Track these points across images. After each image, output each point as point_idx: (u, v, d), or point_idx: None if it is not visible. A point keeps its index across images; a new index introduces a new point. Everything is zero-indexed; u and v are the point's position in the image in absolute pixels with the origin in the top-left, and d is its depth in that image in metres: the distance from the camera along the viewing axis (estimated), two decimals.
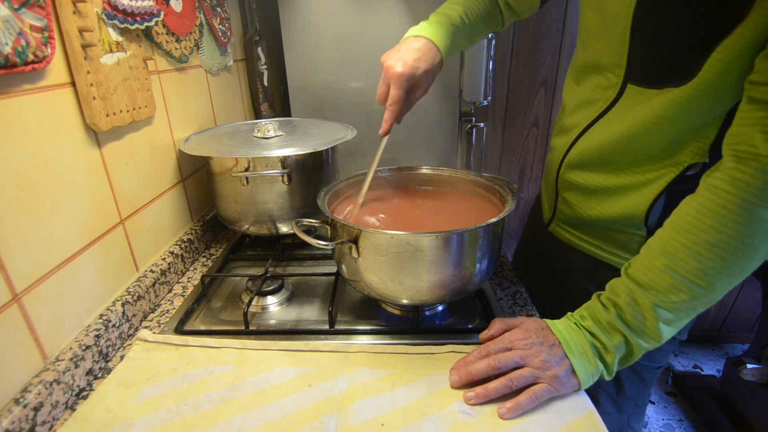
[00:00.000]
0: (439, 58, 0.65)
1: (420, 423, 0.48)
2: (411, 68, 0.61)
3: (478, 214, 0.69)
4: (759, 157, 0.43)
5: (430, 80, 0.65)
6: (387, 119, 0.64)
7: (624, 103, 0.59)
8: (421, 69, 0.62)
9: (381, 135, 0.65)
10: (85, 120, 0.56)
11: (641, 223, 0.61)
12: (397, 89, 0.61)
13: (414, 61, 0.61)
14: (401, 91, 0.61)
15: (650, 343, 0.50)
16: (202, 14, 0.87)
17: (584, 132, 0.65)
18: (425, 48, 0.63)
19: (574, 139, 0.66)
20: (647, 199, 0.59)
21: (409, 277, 0.57)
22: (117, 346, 0.61)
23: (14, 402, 0.45)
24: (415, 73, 0.61)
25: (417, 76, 0.62)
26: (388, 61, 0.62)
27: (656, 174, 0.58)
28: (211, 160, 0.77)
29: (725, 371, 1.46)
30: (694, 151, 0.55)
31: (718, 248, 0.45)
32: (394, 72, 0.60)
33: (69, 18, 0.51)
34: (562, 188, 0.71)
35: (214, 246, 0.91)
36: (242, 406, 0.50)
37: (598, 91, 0.62)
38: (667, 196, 0.58)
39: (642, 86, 0.56)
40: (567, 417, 0.48)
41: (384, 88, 0.63)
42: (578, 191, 0.68)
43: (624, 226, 0.63)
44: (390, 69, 0.61)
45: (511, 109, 1.72)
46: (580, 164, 0.66)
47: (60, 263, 0.53)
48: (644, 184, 0.59)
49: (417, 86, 0.64)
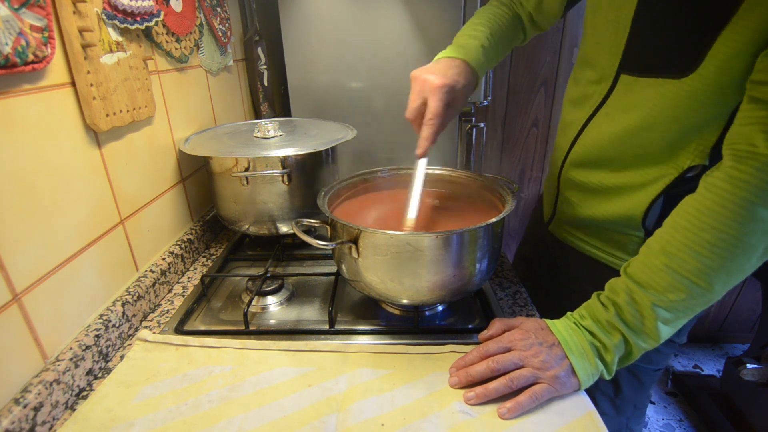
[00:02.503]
0: (474, 78, 0.63)
1: (420, 423, 0.48)
2: (452, 80, 0.58)
3: (478, 214, 0.69)
4: (758, 156, 0.43)
5: (466, 98, 0.63)
6: (426, 136, 0.58)
7: (618, 96, 0.58)
8: (461, 83, 0.59)
9: (419, 156, 0.61)
10: (85, 120, 0.56)
11: (639, 224, 0.61)
12: (437, 101, 0.57)
13: (454, 74, 0.59)
14: (442, 104, 0.57)
15: (649, 343, 0.50)
16: (202, 14, 0.87)
17: (583, 129, 0.65)
18: (462, 66, 0.61)
19: (574, 136, 0.66)
20: (646, 200, 0.59)
21: (409, 277, 0.57)
22: (117, 346, 0.61)
23: (14, 402, 0.45)
24: (455, 86, 0.59)
25: (457, 89, 0.59)
26: (425, 75, 0.58)
27: (655, 175, 0.58)
28: (211, 160, 0.77)
29: (725, 371, 1.46)
30: (694, 153, 0.54)
31: (717, 247, 0.45)
32: (433, 84, 0.57)
33: (69, 18, 0.51)
34: (563, 187, 0.71)
35: (214, 246, 0.91)
36: (242, 406, 0.50)
37: (590, 86, 0.62)
38: (666, 198, 0.58)
39: (635, 75, 0.55)
40: (567, 417, 0.48)
41: (417, 102, 0.59)
42: (579, 190, 0.68)
43: (622, 226, 0.63)
44: (428, 81, 0.58)
45: (511, 109, 1.72)
46: (582, 162, 0.66)
47: (60, 263, 0.53)
48: (643, 185, 0.59)
49: (454, 103, 0.60)
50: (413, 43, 1.06)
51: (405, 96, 1.17)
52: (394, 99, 1.12)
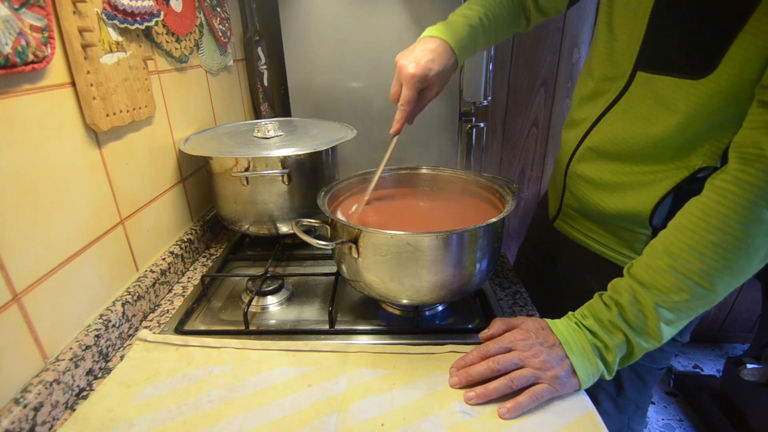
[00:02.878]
0: (453, 60, 0.64)
1: (420, 423, 0.48)
2: (424, 69, 0.61)
3: (478, 214, 0.69)
4: (764, 159, 0.43)
5: (443, 82, 0.65)
6: (398, 119, 0.64)
7: (634, 92, 0.58)
8: (434, 71, 0.62)
9: (392, 134, 0.66)
10: (85, 120, 0.56)
11: (646, 221, 0.61)
12: (409, 90, 0.61)
13: (427, 62, 0.61)
14: (413, 92, 0.61)
15: (651, 343, 0.50)
16: (202, 14, 0.87)
17: (595, 124, 0.65)
18: (440, 49, 0.63)
19: (585, 131, 0.66)
20: (654, 197, 0.59)
21: (409, 277, 0.57)
22: (117, 346, 0.61)
23: (14, 402, 0.45)
24: (427, 75, 0.61)
25: (430, 77, 0.62)
26: (402, 61, 0.62)
27: (666, 173, 0.58)
28: (211, 160, 0.77)
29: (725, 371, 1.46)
30: (706, 154, 0.54)
31: (721, 248, 0.45)
32: (406, 72, 0.60)
33: (69, 18, 0.51)
34: (570, 182, 0.71)
35: (214, 246, 0.91)
36: (242, 406, 0.50)
37: (605, 83, 0.62)
38: (675, 197, 0.58)
39: (653, 72, 0.55)
40: (567, 417, 0.48)
41: (397, 87, 0.64)
42: (586, 184, 0.68)
43: (629, 222, 0.63)
44: (403, 69, 0.61)
45: (511, 109, 1.72)
46: (592, 156, 0.65)
47: (60, 263, 0.53)
48: (653, 183, 0.59)
49: (430, 87, 0.64)
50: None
51: None
52: None
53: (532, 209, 1.98)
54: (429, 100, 0.66)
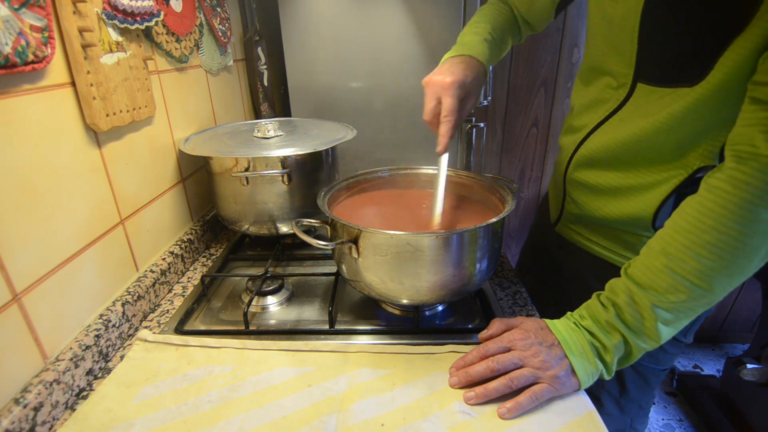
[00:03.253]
0: (482, 68, 0.65)
1: (420, 423, 0.48)
2: (462, 76, 0.60)
3: (478, 214, 0.69)
4: (759, 157, 0.43)
5: (478, 90, 0.65)
6: (444, 133, 0.61)
7: (635, 103, 0.59)
8: (470, 77, 0.62)
9: (439, 153, 0.63)
10: (85, 120, 0.56)
11: (649, 225, 0.61)
12: (450, 98, 0.59)
13: (462, 70, 0.61)
14: (456, 100, 0.60)
15: (649, 344, 0.50)
16: (202, 14, 0.87)
17: (593, 131, 0.65)
18: (467, 61, 0.63)
19: (582, 138, 0.66)
20: (656, 200, 0.59)
21: (409, 277, 0.57)
22: (117, 346, 0.61)
23: (14, 402, 0.45)
24: (466, 81, 0.61)
25: (468, 83, 0.61)
26: (434, 77, 0.61)
27: (665, 176, 0.58)
28: (211, 160, 0.77)
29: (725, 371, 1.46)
30: (703, 154, 0.54)
31: (717, 248, 0.45)
32: (444, 82, 0.60)
33: (69, 18, 0.51)
34: (570, 188, 0.71)
35: (214, 246, 0.91)
36: (242, 406, 0.50)
37: (607, 91, 0.62)
38: (677, 198, 0.58)
39: (652, 85, 0.56)
40: (567, 417, 0.48)
41: (432, 103, 0.61)
42: (586, 190, 0.68)
43: (632, 227, 0.63)
44: (438, 81, 0.60)
45: (511, 109, 1.72)
46: (589, 163, 0.66)
47: (60, 263, 0.53)
48: (653, 186, 0.59)
49: (468, 96, 0.63)
50: (413, 44, 1.06)
51: (405, 96, 1.17)
52: (394, 99, 1.12)
53: (532, 209, 1.98)
54: (467, 112, 0.64)
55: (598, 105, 0.64)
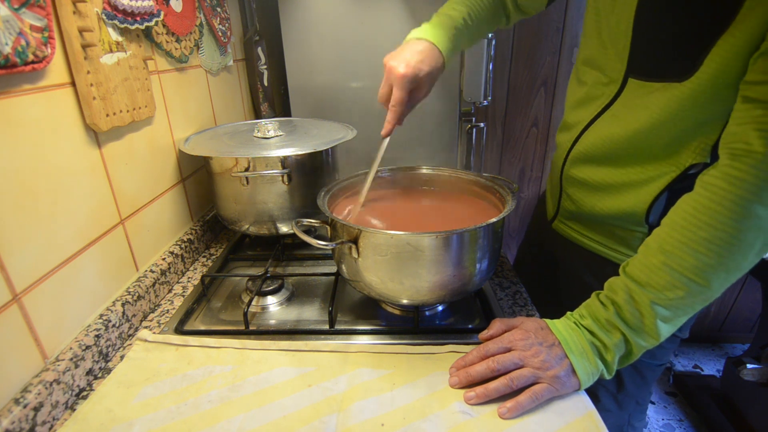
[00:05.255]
0: (441, 61, 0.65)
1: (420, 423, 0.48)
2: (414, 69, 0.61)
3: (478, 214, 0.69)
4: (753, 154, 0.43)
5: (431, 82, 0.65)
6: (389, 120, 0.64)
7: (626, 98, 0.59)
8: (423, 71, 0.62)
9: (383, 136, 0.66)
10: (85, 120, 0.56)
11: (642, 220, 0.61)
12: (399, 90, 0.61)
13: (417, 63, 0.61)
14: (404, 93, 0.61)
15: (649, 342, 0.50)
16: (202, 14, 0.87)
17: (587, 128, 0.65)
18: (428, 51, 0.63)
19: (577, 135, 0.67)
20: (648, 196, 0.60)
21: (409, 277, 0.57)
22: (117, 346, 0.61)
23: (14, 402, 0.45)
24: (418, 75, 0.61)
25: (420, 77, 0.62)
26: (391, 62, 0.62)
27: (658, 172, 0.59)
28: (211, 160, 0.77)
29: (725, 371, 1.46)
30: (695, 151, 0.55)
31: (713, 245, 0.46)
32: (397, 73, 0.61)
33: (69, 18, 0.51)
34: (566, 184, 0.72)
35: (214, 246, 0.91)
36: (242, 406, 0.50)
37: (599, 88, 0.63)
38: (669, 194, 0.59)
39: (643, 79, 0.56)
40: (567, 417, 0.48)
41: (386, 88, 0.64)
42: (582, 187, 0.68)
43: (626, 222, 0.64)
44: (393, 70, 0.61)
45: (511, 109, 1.72)
46: (584, 160, 0.66)
47: (60, 263, 0.53)
48: (646, 182, 0.60)
49: (419, 88, 0.64)
50: None
51: None
52: None
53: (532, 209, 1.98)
54: (418, 101, 0.66)
55: (590, 101, 0.65)
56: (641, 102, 0.57)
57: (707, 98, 0.51)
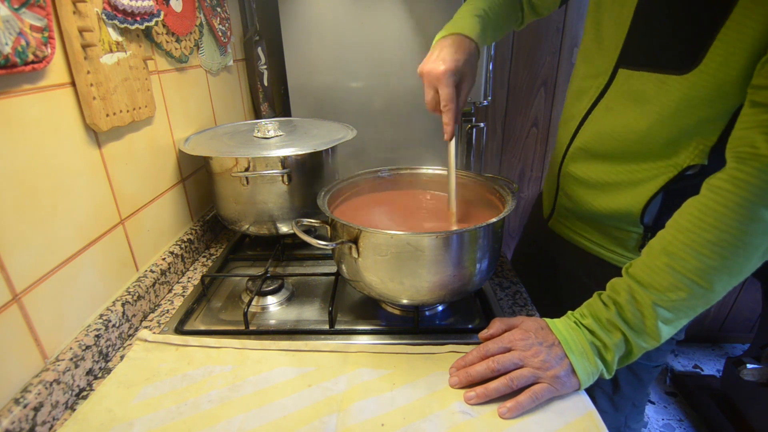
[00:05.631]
0: (473, 46, 0.64)
1: (420, 423, 0.48)
2: (453, 62, 0.60)
3: (478, 214, 0.69)
4: (760, 157, 0.43)
5: (473, 69, 0.65)
6: (447, 122, 0.62)
7: (617, 89, 0.60)
8: (461, 60, 0.61)
9: (447, 140, 0.64)
10: (85, 120, 0.56)
11: (637, 220, 0.61)
12: (446, 87, 0.60)
13: (452, 55, 0.61)
14: (451, 89, 0.60)
15: (649, 343, 0.50)
16: (202, 14, 0.87)
17: (583, 122, 0.66)
18: (457, 42, 0.63)
19: (574, 130, 0.68)
20: (644, 196, 0.60)
21: (409, 277, 0.57)
22: (117, 346, 0.61)
23: (14, 402, 0.45)
24: (458, 66, 0.61)
25: (460, 68, 0.61)
26: (427, 67, 0.61)
27: (655, 172, 0.59)
28: (211, 160, 0.77)
29: (725, 371, 1.46)
30: (693, 152, 0.55)
31: (718, 247, 0.46)
32: (438, 72, 0.60)
33: (69, 18, 0.51)
34: (563, 181, 0.72)
35: (214, 246, 0.91)
36: (242, 406, 0.50)
37: (587, 81, 0.64)
38: (665, 195, 0.59)
39: (634, 69, 0.57)
40: (567, 417, 0.48)
41: (431, 93, 0.63)
42: (579, 185, 0.69)
43: (621, 222, 0.64)
44: (432, 72, 0.60)
45: (511, 109, 1.72)
46: (582, 156, 0.67)
47: (60, 263, 0.53)
48: (642, 182, 0.60)
49: (463, 79, 0.63)
50: (413, 44, 1.06)
51: (405, 96, 1.16)
52: (394, 99, 1.12)
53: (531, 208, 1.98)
54: (467, 93, 0.65)
55: (581, 94, 0.66)
56: (636, 95, 0.57)
57: (708, 95, 0.50)
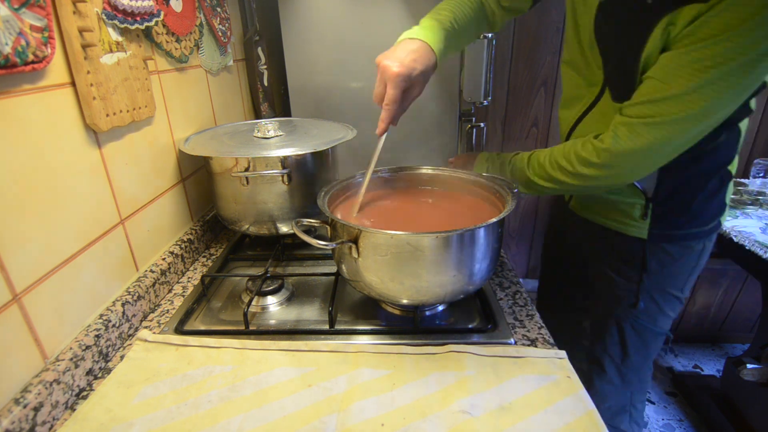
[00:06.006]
0: (434, 60, 0.65)
1: (420, 423, 0.48)
2: (408, 68, 0.61)
3: (478, 214, 0.69)
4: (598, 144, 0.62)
5: (424, 81, 0.66)
6: (384, 119, 0.64)
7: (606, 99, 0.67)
8: (417, 70, 0.62)
9: (378, 134, 0.66)
10: (85, 120, 0.56)
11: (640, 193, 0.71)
12: (394, 89, 0.61)
13: (411, 61, 0.62)
14: (398, 91, 0.62)
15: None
16: (202, 14, 0.87)
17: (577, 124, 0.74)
18: (421, 50, 0.64)
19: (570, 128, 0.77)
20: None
21: (409, 277, 0.57)
22: (117, 346, 0.61)
23: (14, 402, 0.45)
24: (411, 74, 0.62)
25: (414, 76, 0.62)
26: (385, 61, 0.62)
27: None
28: (211, 160, 0.77)
29: (725, 371, 1.46)
30: None
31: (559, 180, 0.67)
32: (391, 72, 0.61)
33: (69, 18, 0.51)
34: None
35: (214, 246, 0.91)
36: (242, 406, 0.50)
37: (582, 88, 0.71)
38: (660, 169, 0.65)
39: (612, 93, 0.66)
40: (567, 417, 0.48)
41: (381, 87, 0.64)
42: None
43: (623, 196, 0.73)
44: (387, 69, 0.61)
45: (511, 109, 1.72)
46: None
47: (60, 263, 0.53)
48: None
49: (412, 87, 0.64)
50: None
51: None
52: None
53: (532, 209, 1.98)
54: (412, 99, 0.66)
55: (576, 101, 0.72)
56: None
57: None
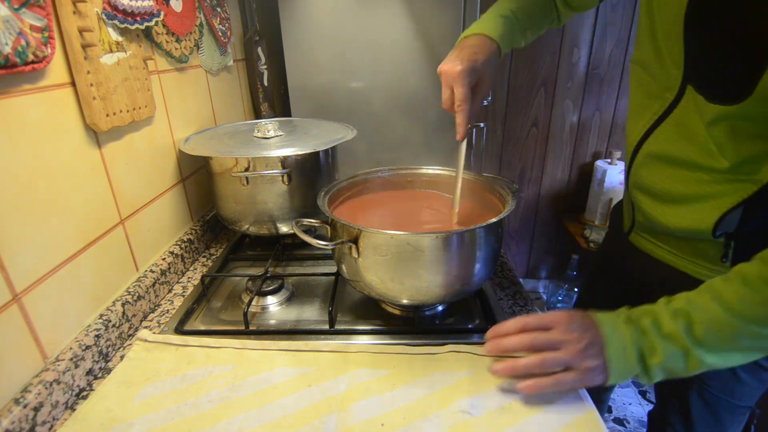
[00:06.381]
0: (495, 47, 0.63)
1: (420, 423, 0.48)
2: (470, 62, 0.59)
3: (478, 214, 0.69)
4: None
5: (492, 71, 0.63)
6: (460, 122, 0.60)
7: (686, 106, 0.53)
8: (479, 61, 0.60)
9: (458, 140, 0.62)
10: (85, 120, 0.56)
11: (710, 235, 0.54)
12: (460, 87, 0.58)
13: (470, 55, 0.59)
14: (466, 89, 0.59)
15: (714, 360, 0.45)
16: (202, 14, 0.87)
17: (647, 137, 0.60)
18: (478, 42, 0.62)
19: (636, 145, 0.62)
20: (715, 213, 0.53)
21: (409, 277, 0.57)
22: (117, 346, 0.60)
23: (14, 402, 0.45)
24: (475, 66, 0.59)
25: (478, 68, 0.59)
26: (445, 66, 0.60)
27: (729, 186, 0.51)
28: (211, 160, 0.77)
29: None
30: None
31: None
32: (454, 71, 0.58)
33: (69, 18, 0.51)
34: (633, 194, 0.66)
35: (214, 246, 0.91)
36: (242, 406, 0.50)
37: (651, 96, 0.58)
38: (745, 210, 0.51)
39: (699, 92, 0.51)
40: (567, 417, 0.48)
41: (447, 92, 0.61)
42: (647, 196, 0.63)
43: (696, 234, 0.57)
44: (449, 71, 0.59)
45: (511, 109, 1.72)
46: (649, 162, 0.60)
47: (60, 263, 0.53)
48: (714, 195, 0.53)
49: (480, 80, 0.61)
50: (413, 43, 1.06)
51: (405, 96, 1.16)
52: (394, 99, 1.12)
53: (532, 209, 1.98)
54: (483, 95, 0.63)
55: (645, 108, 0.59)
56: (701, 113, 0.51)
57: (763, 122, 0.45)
